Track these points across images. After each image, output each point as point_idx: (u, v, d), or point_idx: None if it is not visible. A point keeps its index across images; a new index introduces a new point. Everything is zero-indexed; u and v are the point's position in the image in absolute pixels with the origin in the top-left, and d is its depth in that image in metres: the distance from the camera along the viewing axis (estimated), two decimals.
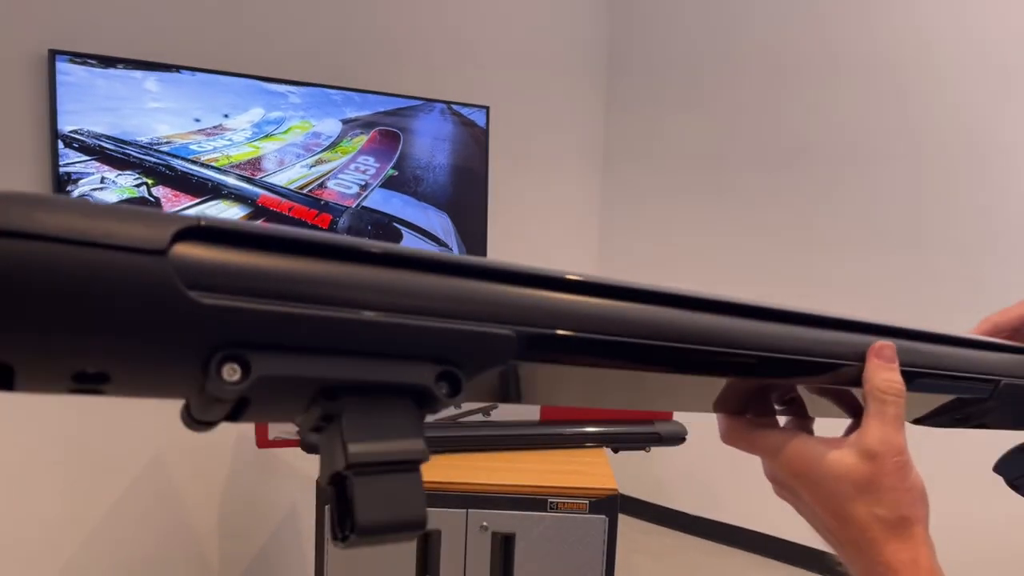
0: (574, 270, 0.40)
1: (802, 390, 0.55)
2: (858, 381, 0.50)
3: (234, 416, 0.32)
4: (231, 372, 0.29)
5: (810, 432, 0.52)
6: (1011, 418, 0.64)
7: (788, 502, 0.54)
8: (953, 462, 1.89)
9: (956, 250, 2.52)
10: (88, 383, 0.28)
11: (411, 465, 0.33)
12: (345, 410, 0.32)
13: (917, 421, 0.61)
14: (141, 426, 2.02)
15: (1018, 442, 0.68)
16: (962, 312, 2.65)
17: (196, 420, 0.33)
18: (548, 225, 3.14)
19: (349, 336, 0.31)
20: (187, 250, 0.29)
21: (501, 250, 2.85)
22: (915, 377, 0.52)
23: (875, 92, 2.67)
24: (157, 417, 2.05)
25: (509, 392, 0.43)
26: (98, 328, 0.27)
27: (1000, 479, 0.69)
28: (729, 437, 0.53)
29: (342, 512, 0.32)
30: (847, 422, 0.54)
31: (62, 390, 0.28)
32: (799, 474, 0.50)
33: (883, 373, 0.50)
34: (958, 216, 2.51)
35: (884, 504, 0.47)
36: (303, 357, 0.31)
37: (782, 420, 0.54)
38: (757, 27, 2.92)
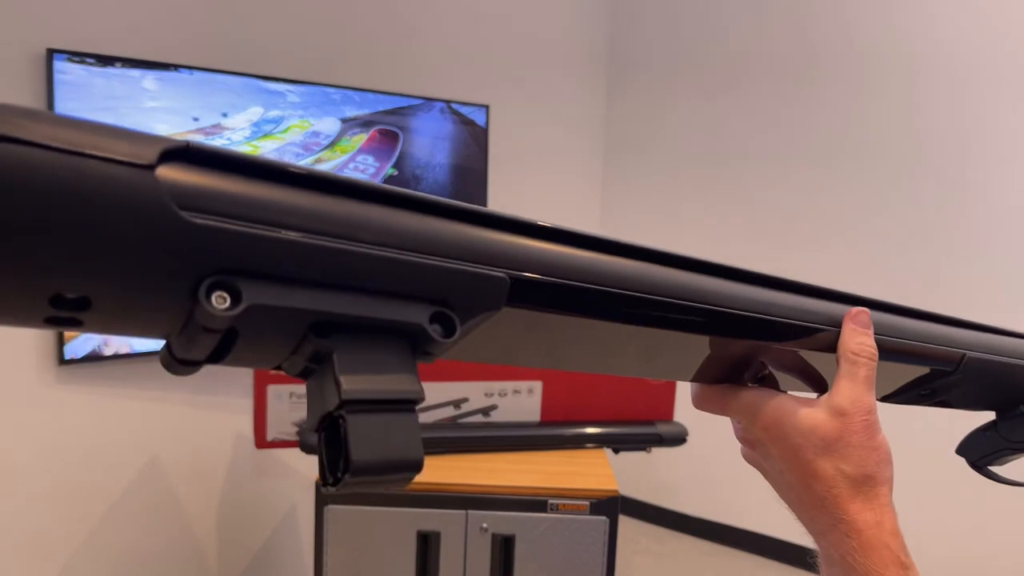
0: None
1: (774, 368, 0.56)
2: (833, 347, 0.51)
3: (219, 355, 0.30)
4: (221, 300, 0.27)
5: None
6: (973, 397, 0.65)
7: (756, 465, 0.55)
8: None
9: (957, 249, 2.52)
10: (67, 309, 0.26)
11: (407, 404, 0.32)
12: (337, 347, 0.31)
13: (883, 399, 0.62)
14: (140, 426, 2.02)
15: (979, 424, 0.69)
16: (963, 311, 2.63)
17: (178, 360, 0.31)
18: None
19: (343, 269, 0.30)
20: (178, 171, 0.27)
21: None
22: (884, 345, 0.53)
23: (875, 89, 2.66)
24: (157, 417, 2.05)
25: (495, 347, 0.42)
26: (84, 242, 0.25)
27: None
28: (701, 400, 0.54)
29: (333, 455, 0.30)
30: None
31: (38, 318, 0.27)
32: (770, 427, 0.50)
33: (857, 337, 0.51)
34: (959, 215, 2.50)
35: (850, 460, 0.48)
36: (296, 288, 0.29)
37: None
38: (758, 24, 2.92)
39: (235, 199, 0.28)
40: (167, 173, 0.27)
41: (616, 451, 1.85)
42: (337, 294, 0.30)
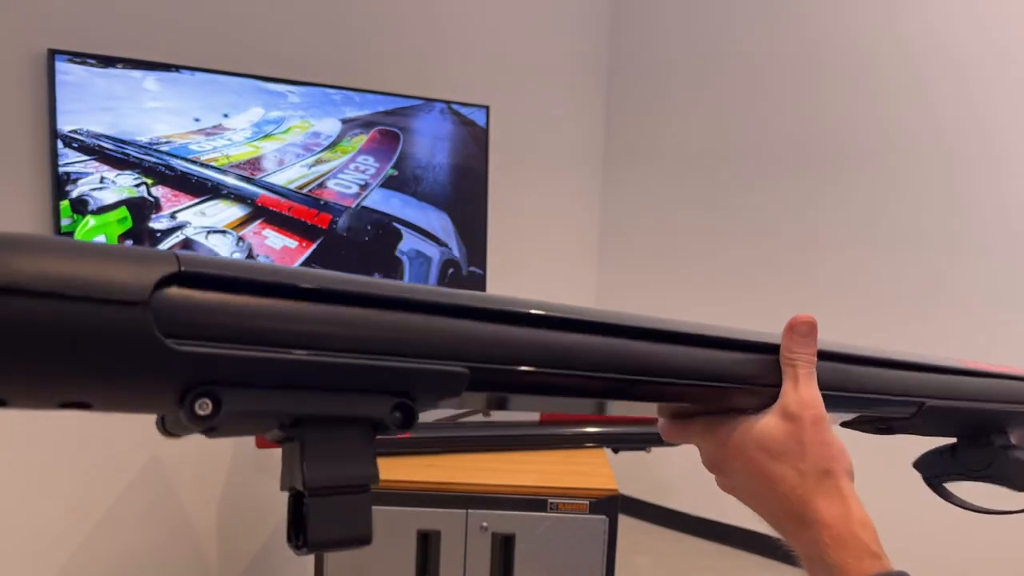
0: (531, 299, 0.44)
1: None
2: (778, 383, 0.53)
3: (205, 433, 0.34)
4: (203, 407, 0.32)
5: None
6: (934, 429, 0.66)
7: (730, 491, 0.56)
8: None
9: (959, 251, 2.52)
10: (73, 407, 0.31)
11: (361, 488, 0.36)
12: (306, 438, 0.35)
13: (845, 424, 0.64)
14: (140, 426, 2.01)
15: (940, 444, 0.70)
16: (966, 310, 2.64)
17: (169, 432, 0.37)
18: (548, 224, 3.14)
19: (311, 375, 0.35)
20: (165, 296, 0.31)
21: (501, 249, 2.85)
22: (840, 400, 0.55)
23: (874, 93, 2.67)
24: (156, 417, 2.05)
25: (464, 404, 0.46)
26: (79, 372, 0.29)
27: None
28: (666, 433, 0.57)
29: (297, 523, 0.35)
30: None
31: (51, 408, 0.31)
32: (729, 445, 0.52)
33: (794, 344, 0.53)
34: (959, 216, 2.51)
35: (807, 459, 0.49)
36: (269, 393, 0.34)
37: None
38: (759, 29, 2.92)
39: (217, 321, 0.33)
40: (158, 301, 0.31)
41: (616, 451, 1.85)
42: (307, 394, 0.35)
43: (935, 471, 0.70)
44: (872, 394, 0.58)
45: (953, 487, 0.69)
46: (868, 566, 0.46)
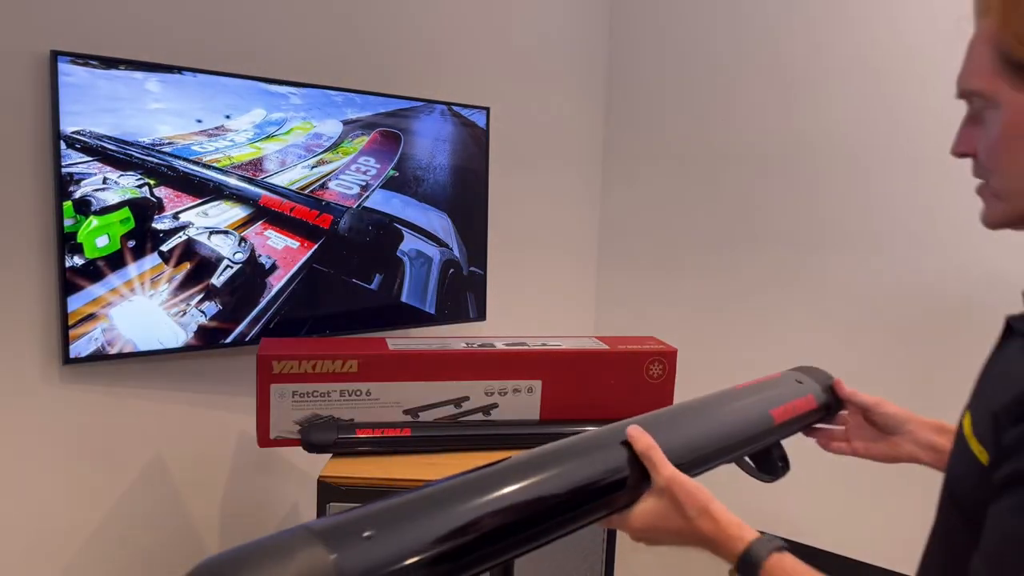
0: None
1: None
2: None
3: None
4: None
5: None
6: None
7: (655, 544, 0.82)
8: None
9: (960, 253, 2.53)
10: None
11: None
12: None
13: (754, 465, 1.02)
14: (144, 424, 2.03)
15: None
16: (968, 309, 2.63)
17: None
18: (548, 224, 3.15)
19: None
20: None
21: (501, 250, 2.86)
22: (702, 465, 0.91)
23: (873, 96, 2.68)
24: (160, 415, 2.06)
25: None
26: None
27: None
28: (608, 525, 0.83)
29: None
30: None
31: None
32: (646, 529, 0.79)
33: (636, 442, 0.80)
34: (959, 217, 2.52)
35: (687, 509, 0.76)
36: None
37: None
38: (757, 31, 2.93)
39: None
40: None
41: None
42: None
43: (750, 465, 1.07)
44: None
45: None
46: (738, 545, 0.73)
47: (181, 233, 1.93)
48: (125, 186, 1.84)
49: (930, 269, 2.59)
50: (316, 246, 2.17)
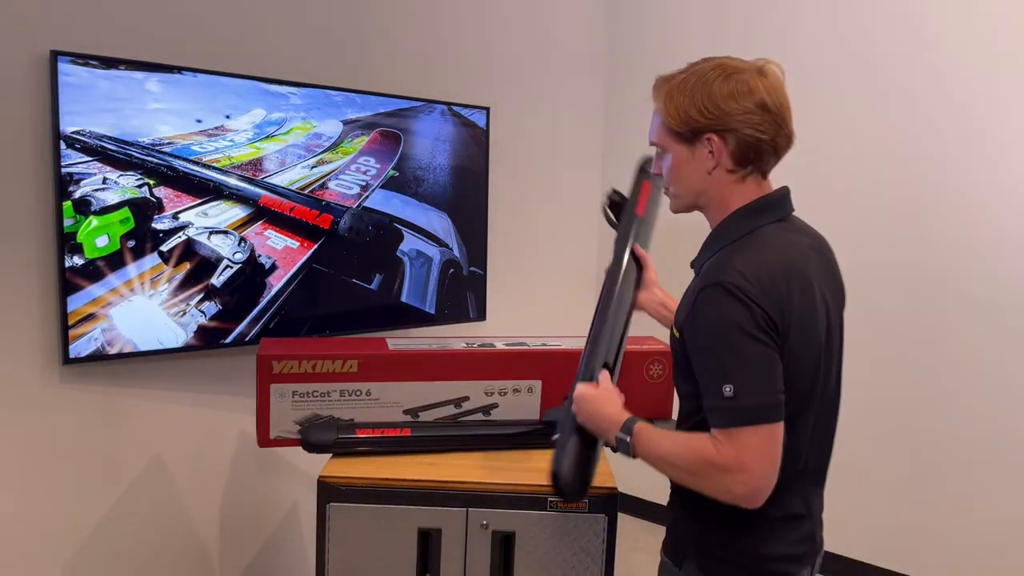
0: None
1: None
2: None
3: None
4: None
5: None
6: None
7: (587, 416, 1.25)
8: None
9: (958, 250, 2.53)
10: None
11: None
12: None
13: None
14: (144, 424, 2.03)
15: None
16: (965, 308, 2.63)
17: None
18: (548, 225, 3.15)
19: None
20: None
21: (501, 250, 2.86)
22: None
23: (873, 96, 2.68)
24: (160, 415, 2.06)
25: None
26: None
27: None
28: None
29: None
30: None
31: None
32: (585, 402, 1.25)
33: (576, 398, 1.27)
34: (956, 216, 2.52)
35: (605, 406, 1.23)
36: None
37: None
38: (758, 31, 2.93)
39: None
40: None
41: (615, 449, 1.86)
42: None
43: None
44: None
45: None
46: (621, 418, 1.18)
47: (181, 233, 1.93)
48: (125, 186, 1.84)
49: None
50: (316, 246, 2.17)
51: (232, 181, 2.00)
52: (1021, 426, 2.45)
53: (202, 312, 1.98)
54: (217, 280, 2.00)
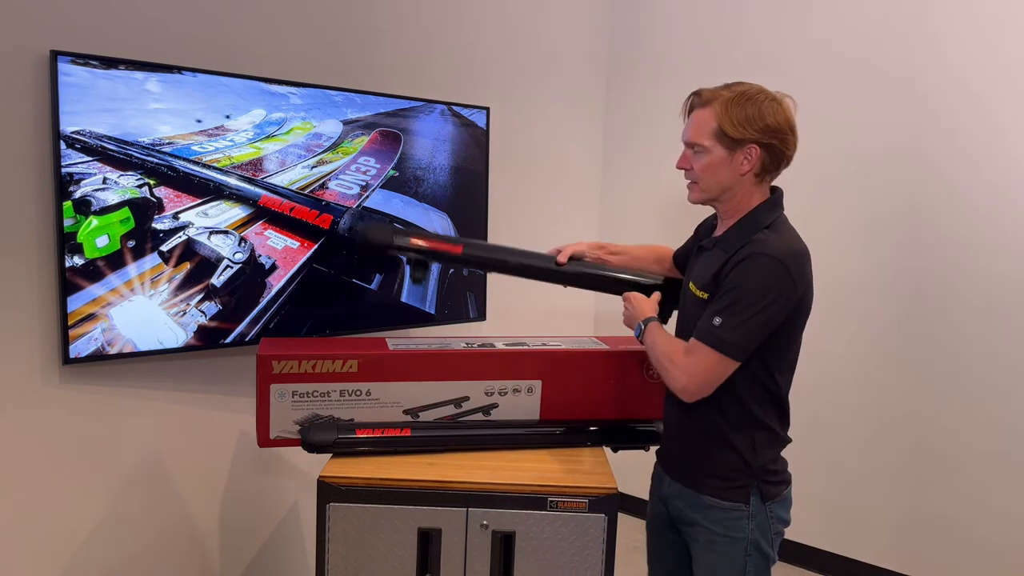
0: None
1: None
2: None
3: None
4: None
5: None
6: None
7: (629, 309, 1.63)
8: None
9: (958, 250, 2.53)
10: None
11: None
12: None
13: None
14: (143, 424, 2.03)
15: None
16: (965, 308, 2.64)
17: None
18: (548, 226, 3.15)
19: None
20: None
21: None
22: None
23: (873, 95, 2.68)
24: (160, 416, 2.06)
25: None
26: None
27: None
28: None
29: None
30: None
31: None
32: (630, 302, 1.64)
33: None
34: (955, 216, 2.52)
35: (641, 309, 1.60)
36: None
37: None
38: (759, 29, 2.93)
39: None
40: None
41: (615, 449, 1.86)
42: None
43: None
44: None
45: None
46: (646, 317, 1.56)
47: (181, 233, 1.93)
48: (125, 186, 1.84)
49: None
50: (316, 246, 2.17)
51: (232, 181, 2.00)
52: (1022, 426, 2.45)
53: (202, 312, 1.98)
54: (217, 280, 2.00)
